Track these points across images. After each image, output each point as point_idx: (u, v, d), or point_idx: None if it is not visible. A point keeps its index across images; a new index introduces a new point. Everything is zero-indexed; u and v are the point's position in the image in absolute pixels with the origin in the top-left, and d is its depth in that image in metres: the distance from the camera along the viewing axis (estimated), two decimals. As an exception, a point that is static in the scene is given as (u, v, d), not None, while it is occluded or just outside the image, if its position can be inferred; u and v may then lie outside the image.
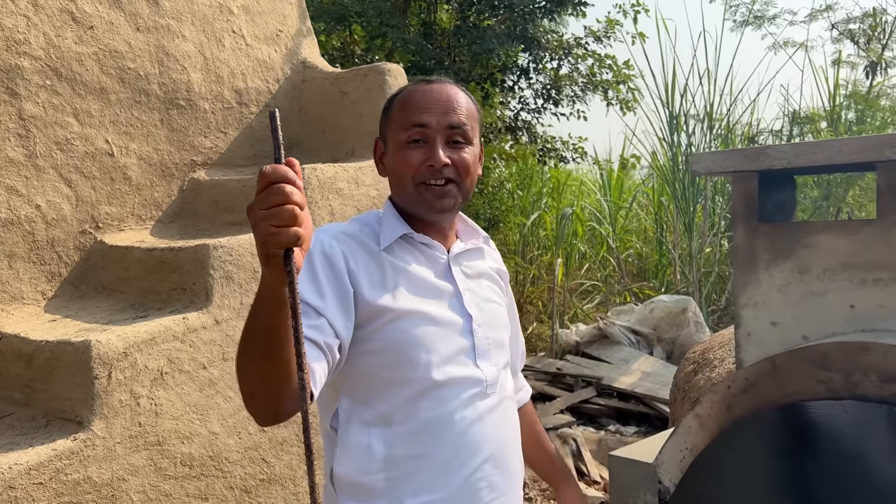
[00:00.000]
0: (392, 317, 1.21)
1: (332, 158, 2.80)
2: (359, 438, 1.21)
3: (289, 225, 0.88)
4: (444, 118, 1.26)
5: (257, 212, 0.89)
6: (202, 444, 1.99)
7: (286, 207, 0.88)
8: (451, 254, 1.32)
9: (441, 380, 1.22)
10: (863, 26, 8.19)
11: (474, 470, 1.23)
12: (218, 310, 2.08)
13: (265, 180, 0.89)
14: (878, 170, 1.80)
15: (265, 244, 0.90)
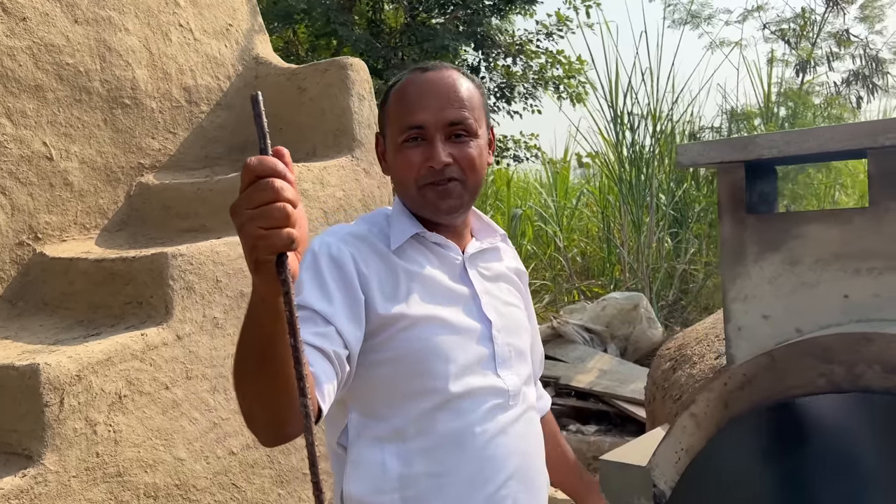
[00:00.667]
0: (406, 324, 1.10)
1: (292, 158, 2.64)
2: (371, 455, 1.09)
3: (280, 226, 0.76)
4: (442, 114, 1.15)
5: (243, 212, 0.77)
6: (167, 471, 1.81)
7: (277, 206, 0.76)
8: (467, 254, 1.22)
9: (460, 391, 1.11)
10: (793, 26, 8.44)
11: (498, 487, 1.13)
12: (179, 324, 1.91)
13: (251, 174, 0.77)
14: (869, 156, 1.77)
15: (254, 249, 0.77)
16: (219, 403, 1.95)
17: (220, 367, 1.97)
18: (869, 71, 8.46)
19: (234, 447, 1.97)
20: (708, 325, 2.89)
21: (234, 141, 2.80)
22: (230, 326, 2.02)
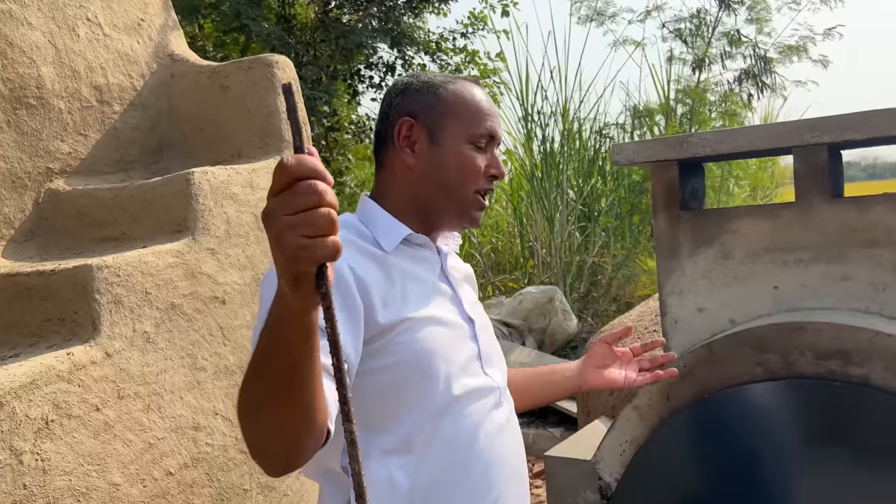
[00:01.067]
0: (407, 326, 1.07)
1: (215, 160, 2.52)
2: (378, 472, 1.05)
3: (325, 234, 0.70)
4: (499, 130, 1.23)
5: (280, 218, 0.69)
6: (101, 499, 1.69)
7: (320, 212, 0.69)
8: (442, 255, 1.19)
9: (460, 392, 1.10)
10: (689, 25, 8.84)
11: (502, 489, 1.13)
12: (108, 340, 1.78)
13: (288, 176, 0.69)
14: (794, 153, 1.86)
15: (296, 260, 0.70)
16: (153, 422, 1.84)
17: (153, 385, 1.86)
18: (758, 70, 8.97)
19: (171, 467, 1.86)
20: (634, 318, 2.98)
21: (150, 143, 2.66)
22: (161, 341, 1.91)
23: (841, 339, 1.68)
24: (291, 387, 0.81)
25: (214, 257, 2.10)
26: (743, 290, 1.96)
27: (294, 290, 0.73)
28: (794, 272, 1.89)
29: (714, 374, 1.83)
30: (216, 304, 2.08)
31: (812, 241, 1.86)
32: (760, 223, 1.93)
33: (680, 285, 2.05)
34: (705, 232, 2.01)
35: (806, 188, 1.86)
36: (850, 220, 1.81)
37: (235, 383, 2.10)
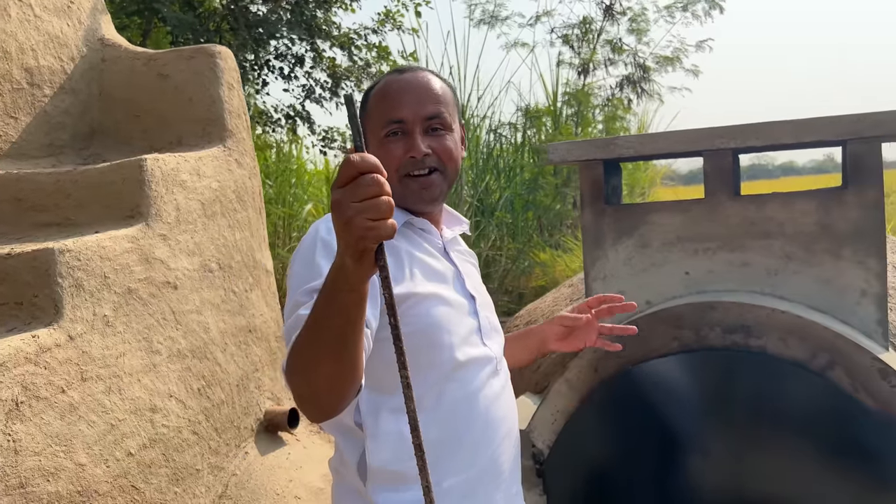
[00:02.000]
0: (414, 301, 1.20)
1: (151, 147, 2.53)
2: (389, 427, 1.18)
3: (386, 217, 0.84)
4: (421, 109, 1.26)
5: (349, 205, 0.83)
6: (69, 478, 1.72)
7: (383, 199, 0.84)
8: (445, 239, 1.34)
9: (463, 360, 1.24)
10: (577, 31, 9.32)
11: (498, 445, 1.28)
12: (70, 324, 1.80)
13: (354, 170, 0.84)
14: (704, 156, 2.14)
15: (363, 239, 0.84)
16: (114, 404, 1.87)
17: (113, 367, 1.89)
18: (637, 77, 9.59)
19: (131, 448, 1.90)
20: (549, 303, 3.23)
21: (80, 128, 2.62)
22: (120, 324, 1.93)
23: (744, 316, 1.97)
24: (345, 344, 0.95)
25: (166, 243, 2.14)
26: (658, 275, 2.23)
27: (358, 263, 0.87)
28: (703, 259, 2.17)
29: (637, 349, 2.08)
30: (169, 289, 2.12)
31: (717, 233, 2.15)
32: (674, 216, 2.20)
33: (604, 271, 2.30)
34: (626, 224, 2.26)
35: (713, 187, 2.14)
36: (749, 215, 2.11)
37: (187, 367, 2.15)
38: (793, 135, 1.99)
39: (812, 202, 2.03)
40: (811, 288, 2.04)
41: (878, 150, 1.96)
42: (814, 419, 1.87)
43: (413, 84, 1.28)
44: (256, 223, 2.62)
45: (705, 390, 2.02)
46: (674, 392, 2.05)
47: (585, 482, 2.17)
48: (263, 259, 2.64)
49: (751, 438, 1.94)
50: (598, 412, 2.16)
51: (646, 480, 2.07)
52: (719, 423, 1.99)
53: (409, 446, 1.18)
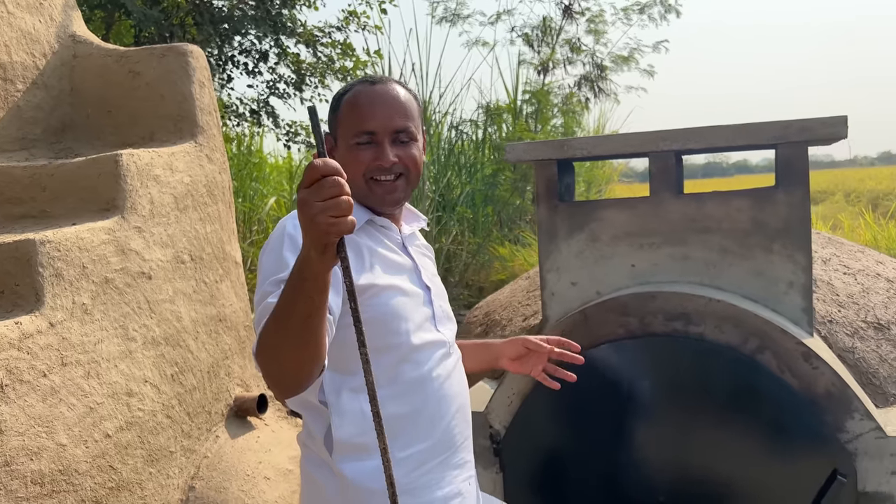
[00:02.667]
0: (374, 292, 1.33)
1: (123, 143, 2.61)
2: (351, 405, 1.31)
3: (346, 214, 0.96)
4: (390, 122, 1.38)
5: (314, 204, 0.95)
6: (51, 458, 1.81)
7: (343, 198, 0.95)
8: (403, 234, 1.47)
9: (418, 344, 1.37)
10: (537, 31, 9.51)
11: (450, 419, 1.41)
12: (51, 311, 1.88)
13: (317, 173, 0.95)
14: (650, 157, 2.31)
15: (327, 234, 0.96)
16: (93, 388, 1.96)
17: (91, 353, 1.98)
18: (595, 76, 9.83)
19: (109, 430, 1.99)
20: (507, 295, 3.38)
21: (51, 122, 2.68)
22: (97, 312, 2.02)
23: (684, 305, 2.14)
24: (309, 327, 1.06)
25: (141, 235, 2.23)
26: (607, 267, 2.40)
27: (322, 255, 0.99)
28: (647, 253, 2.35)
29: (587, 335, 2.25)
30: (143, 279, 2.21)
31: (661, 229, 2.32)
32: (622, 213, 2.37)
33: (557, 263, 2.46)
34: (578, 220, 2.42)
35: (658, 186, 2.32)
36: (690, 212, 2.29)
37: (161, 354, 2.24)
38: (729, 139, 2.17)
39: (747, 200, 2.21)
40: (744, 279, 2.22)
41: (805, 154, 2.15)
42: (745, 398, 2.06)
43: (383, 97, 1.39)
44: (226, 217, 2.71)
45: (649, 373, 2.19)
46: (620, 375, 2.22)
47: (539, 460, 2.33)
48: (233, 251, 2.74)
49: (690, 417, 2.12)
50: (552, 395, 2.31)
51: (596, 457, 2.23)
52: (662, 403, 2.16)
53: (369, 421, 1.31)
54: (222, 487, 2.31)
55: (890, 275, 2.71)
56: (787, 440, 2.01)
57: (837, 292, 2.50)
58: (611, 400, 2.21)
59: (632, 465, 2.20)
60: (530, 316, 2.85)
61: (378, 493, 1.29)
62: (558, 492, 2.28)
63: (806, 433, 2.00)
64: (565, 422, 2.29)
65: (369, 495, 1.30)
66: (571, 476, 2.28)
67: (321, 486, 1.35)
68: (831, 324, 2.36)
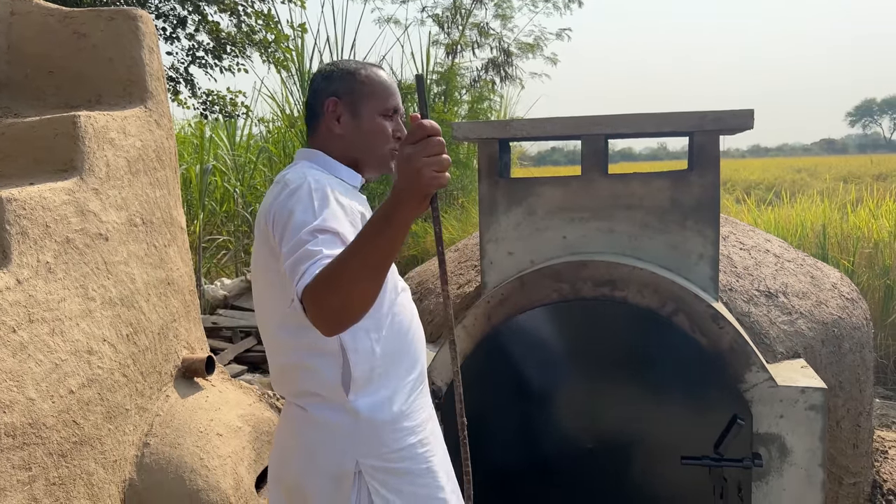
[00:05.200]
0: None
1: (67, 104, 2.59)
2: (365, 345, 1.48)
3: (445, 170, 1.12)
4: (401, 104, 1.65)
5: (420, 159, 1.09)
6: (21, 411, 1.85)
7: (445, 156, 1.11)
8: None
9: (400, 289, 1.59)
10: (447, 13, 9.68)
11: (421, 351, 1.64)
12: (18, 269, 1.91)
13: (425, 131, 1.10)
14: (582, 140, 2.55)
15: (429, 185, 1.10)
16: (57, 345, 2.00)
17: (56, 311, 2.01)
18: (501, 61, 10.12)
19: (72, 386, 2.03)
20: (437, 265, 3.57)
21: (-13, 80, 2.62)
22: (60, 271, 2.05)
23: (611, 272, 2.40)
24: (385, 266, 1.18)
25: (98, 197, 2.25)
26: (541, 238, 2.63)
27: (419, 204, 1.12)
28: (578, 226, 2.59)
29: (524, 299, 2.47)
30: (101, 240, 2.24)
31: (590, 205, 2.57)
32: (556, 190, 2.60)
33: (496, 234, 2.67)
34: (516, 195, 2.63)
35: (588, 166, 2.56)
36: (616, 190, 2.55)
37: (117, 314, 2.29)
38: (654, 125, 2.44)
39: (666, 181, 2.49)
40: (662, 251, 2.51)
41: (717, 141, 2.44)
42: (662, 355, 2.35)
43: (394, 83, 1.66)
44: (172, 182, 2.75)
45: (579, 333, 2.44)
46: (553, 335, 2.46)
47: (477, 414, 2.54)
48: (178, 216, 2.78)
49: (615, 372, 2.39)
50: (490, 354, 2.53)
51: (529, 410, 2.47)
52: (589, 360, 2.42)
53: (377, 359, 1.50)
54: (177, 443, 2.39)
55: (776, 251, 3.09)
56: (697, 390, 2.32)
57: (735, 265, 2.85)
58: (544, 358, 2.45)
59: (562, 417, 2.45)
60: (464, 284, 3.05)
61: (385, 422, 1.49)
62: (494, 442, 2.51)
63: (712, 384, 2.31)
64: (502, 378, 2.51)
65: (378, 425, 1.49)
66: (506, 427, 2.51)
67: (334, 428, 1.49)
68: (731, 292, 2.70)
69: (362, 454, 1.50)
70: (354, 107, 1.58)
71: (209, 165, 7.32)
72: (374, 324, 1.50)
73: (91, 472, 2.10)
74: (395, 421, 1.52)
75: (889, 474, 3.16)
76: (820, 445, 2.26)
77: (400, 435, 1.53)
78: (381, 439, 1.50)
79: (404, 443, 1.53)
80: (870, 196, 7.63)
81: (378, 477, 1.50)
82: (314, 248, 1.25)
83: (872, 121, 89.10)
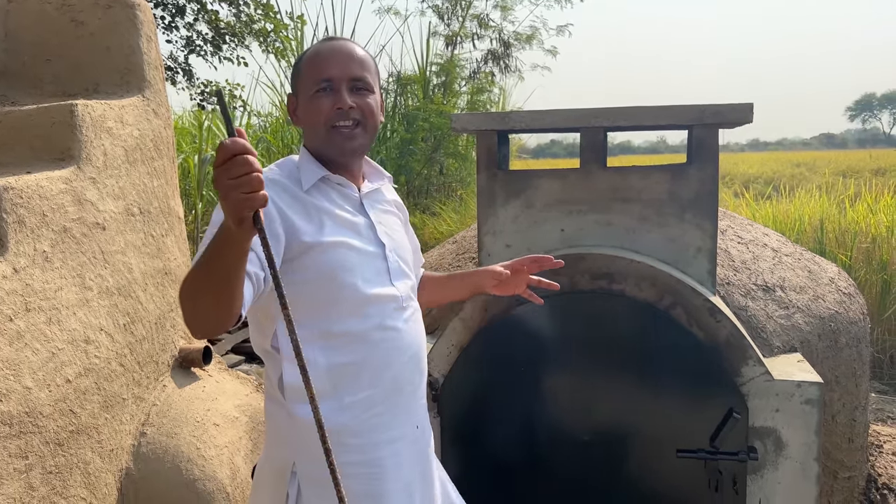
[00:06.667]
0: (322, 249, 1.41)
1: (64, 92, 2.58)
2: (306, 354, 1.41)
3: (257, 190, 1.01)
4: (348, 70, 1.48)
5: (226, 182, 1.00)
6: (18, 400, 1.85)
7: (252, 176, 1.00)
8: (362, 192, 1.56)
9: (367, 296, 1.46)
10: (447, 3, 9.65)
11: (400, 368, 1.52)
12: (15, 257, 1.91)
13: (227, 152, 0.99)
14: (581, 132, 2.55)
15: (240, 209, 1.01)
16: (54, 334, 2.00)
17: (52, 300, 2.01)
18: (500, 52, 10.10)
19: (69, 375, 2.03)
20: (436, 257, 3.57)
21: (-17, 67, 2.60)
22: (57, 260, 2.05)
23: (608, 265, 2.40)
24: (226, 283, 1.14)
25: (95, 186, 2.25)
26: (539, 231, 2.62)
27: (239, 228, 1.04)
28: (576, 219, 2.59)
29: (521, 292, 2.47)
30: (98, 229, 2.24)
31: (588, 197, 2.57)
32: (554, 182, 2.60)
33: (494, 227, 2.66)
34: (514, 187, 2.63)
35: (587, 158, 2.56)
36: (614, 183, 2.54)
37: (115, 304, 2.29)
38: (653, 118, 2.44)
39: (665, 174, 2.49)
40: (660, 244, 2.51)
41: (716, 135, 2.44)
42: (659, 348, 2.35)
43: (341, 49, 1.50)
44: (170, 172, 2.74)
45: (576, 326, 2.44)
46: (550, 327, 2.46)
47: (474, 406, 2.55)
48: (176, 206, 2.77)
49: (612, 365, 2.39)
50: (487, 346, 2.53)
51: (526, 402, 2.47)
52: (587, 352, 2.42)
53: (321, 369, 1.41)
54: (173, 433, 2.39)
55: (774, 245, 3.10)
56: (694, 384, 2.32)
57: (733, 259, 2.85)
58: (541, 350, 2.45)
59: (558, 409, 2.45)
60: (462, 276, 3.05)
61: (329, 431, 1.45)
62: (490, 434, 2.51)
63: (709, 378, 2.31)
64: (499, 371, 2.51)
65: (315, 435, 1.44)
66: (502, 420, 2.51)
67: (279, 425, 1.48)
68: (728, 285, 2.70)
69: (298, 457, 1.45)
70: (301, 95, 1.50)
71: (207, 156, 7.30)
72: (321, 334, 1.43)
73: (88, 462, 2.11)
74: (338, 434, 1.43)
75: (884, 469, 3.17)
76: (815, 439, 2.26)
77: (340, 450, 1.41)
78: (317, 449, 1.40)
79: (343, 458, 1.42)
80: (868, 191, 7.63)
81: (310, 485, 1.45)
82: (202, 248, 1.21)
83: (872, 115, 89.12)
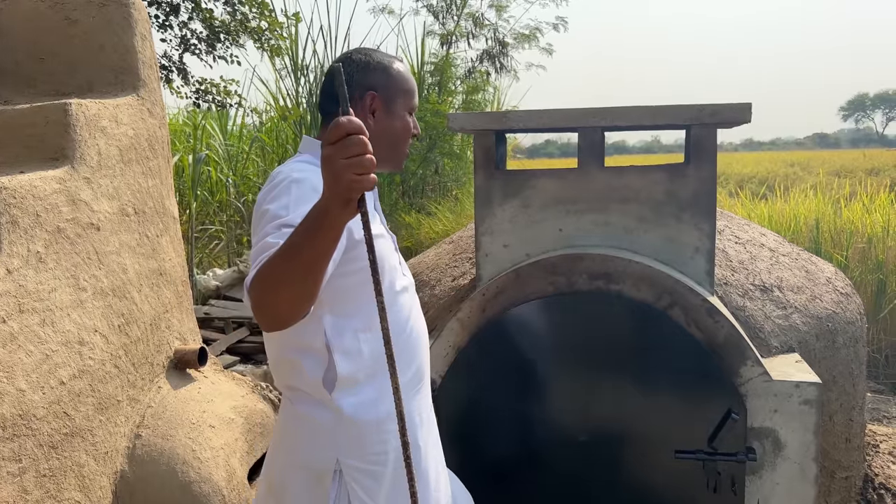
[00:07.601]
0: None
1: (58, 91, 2.56)
2: (352, 345, 1.45)
3: (369, 172, 1.00)
4: None
5: (339, 161, 0.99)
6: (12, 403, 1.83)
7: (367, 157, 0.99)
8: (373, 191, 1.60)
9: (398, 288, 1.54)
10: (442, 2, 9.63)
11: (422, 355, 1.61)
12: (8, 258, 1.88)
13: (342, 131, 0.98)
14: (578, 132, 2.54)
15: (350, 190, 1.00)
16: (48, 336, 1.98)
17: (46, 301, 1.99)
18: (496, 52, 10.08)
19: (63, 377, 2.01)
20: (433, 257, 3.56)
21: (-24, 66, 2.58)
22: (50, 261, 2.03)
23: (606, 266, 2.39)
24: (314, 270, 1.12)
25: (90, 186, 2.23)
26: (537, 231, 2.61)
27: (343, 209, 1.03)
28: (573, 219, 2.58)
29: (519, 292, 2.46)
30: (92, 230, 2.22)
31: (586, 197, 2.56)
32: (552, 182, 2.58)
33: (491, 227, 2.65)
34: (512, 187, 2.62)
35: (585, 158, 2.55)
36: (612, 183, 2.53)
37: (109, 305, 2.27)
38: (650, 118, 2.43)
39: (663, 174, 2.48)
40: (658, 244, 2.50)
41: (714, 134, 2.43)
42: (657, 348, 2.34)
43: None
44: (165, 172, 2.72)
45: (574, 326, 2.43)
46: (548, 328, 2.45)
47: (471, 406, 2.54)
48: (171, 206, 2.75)
49: (610, 365, 2.38)
50: (485, 347, 2.52)
51: (523, 402, 2.46)
52: (584, 353, 2.41)
53: (365, 359, 1.47)
54: (169, 435, 2.37)
55: (771, 245, 3.09)
56: (692, 384, 2.32)
57: (730, 259, 2.85)
58: (538, 351, 2.44)
59: (556, 409, 2.44)
60: (459, 276, 3.04)
61: (369, 423, 1.47)
62: (488, 434, 2.50)
63: (707, 378, 2.31)
64: (497, 372, 2.50)
65: (362, 426, 1.46)
66: (500, 419, 2.50)
67: (318, 426, 1.48)
68: (726, 286, 2.70)
69: (344, 453, 1.47)
70: (389, 103, 1.54)
71: (202, 155, 7.28)
72: (364, 323, 1.47)
73: (82, 464, 2.09)
74: (381, 423, 1.49)
75: (880, 468, 3.17)
76: (813, 440, 2.26)
77: (385, 437, 1.49)
78: (363, 440, 1.47)
79: (388, 446, 1.49)
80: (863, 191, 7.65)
81: (358, 478, 1.47)
82: (273, 241, 1.20)
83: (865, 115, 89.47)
